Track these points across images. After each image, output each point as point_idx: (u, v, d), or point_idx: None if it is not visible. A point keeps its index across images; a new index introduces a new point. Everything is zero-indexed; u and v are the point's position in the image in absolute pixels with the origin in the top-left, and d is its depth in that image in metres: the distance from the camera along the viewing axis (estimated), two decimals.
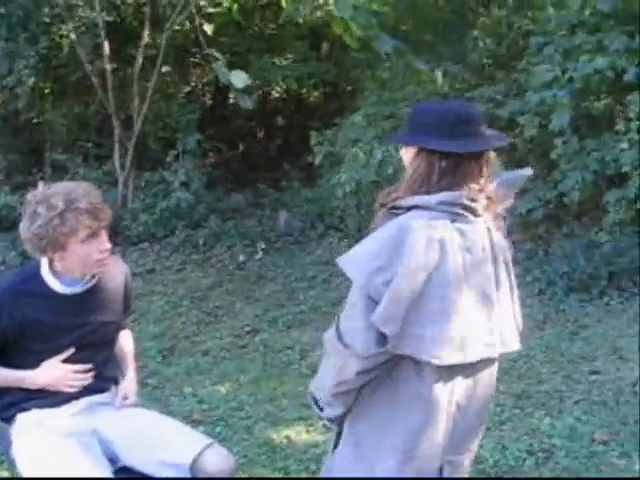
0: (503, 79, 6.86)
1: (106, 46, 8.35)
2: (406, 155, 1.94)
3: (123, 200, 8.47)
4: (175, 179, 8.35)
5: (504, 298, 1.93)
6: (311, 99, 11.39)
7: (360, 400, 1.92)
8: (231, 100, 11.75)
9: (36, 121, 9.69)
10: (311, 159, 8.16)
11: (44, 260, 2.36)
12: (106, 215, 2.30)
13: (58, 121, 9.57)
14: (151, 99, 8.52)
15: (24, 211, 2.28)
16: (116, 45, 8.97)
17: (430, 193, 1.84)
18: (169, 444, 2.33)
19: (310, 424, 3.92)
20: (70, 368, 2.37)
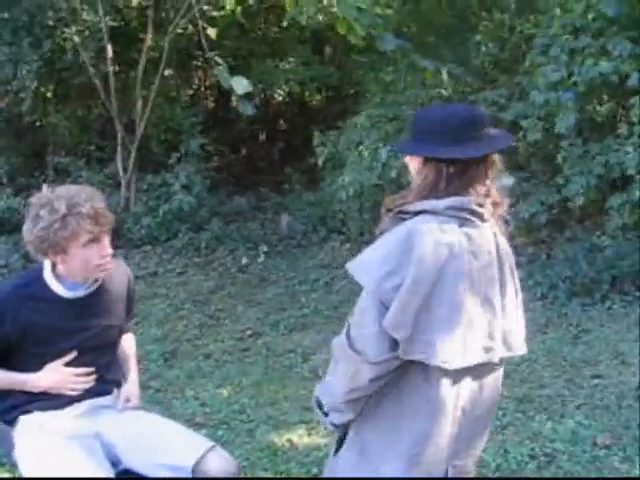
0: (506, 83, 6.86)
1: (109, 50, 8.37)
2: (412, 163, 1.94)
3: (126, 203, 8.49)
4: (177, 182, 8.36)
5: (509, 303, 1.93)
6: (314, 102, 11.41)
7: (366, 405, 1.91)
8: (234, 103, 11.78)
9: (39, 124, 9.71)
10: (314, 161, 8.17)
11: (47, 263, 2.36)
12: (108, 220, 2.31)
13: (61, 124, 9.58)
14: (154, 102, 8.54)
15: (27, 213, 2.28)
16: (119, 49, 9.00)
17: (438, 199, 1.84)
18: (171, 447, 2.33)
19: (312, 427, 3.91)
20: (72, 371, 2.38)
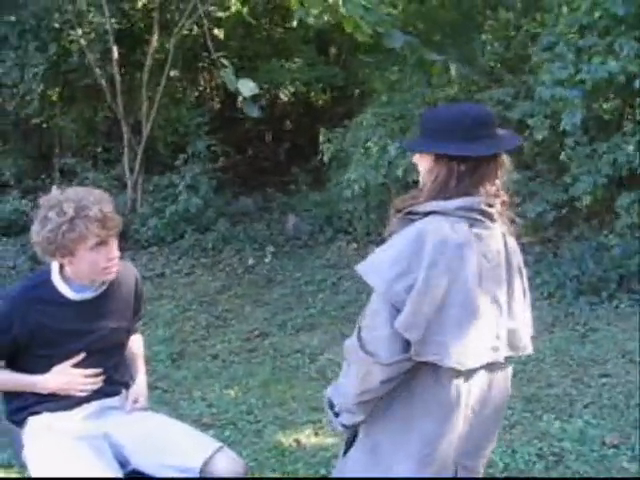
0: (511, 81, 6.85)
1: (115, 51, 8.39)
2: (422, 162, 1.93)
3: (132, 204, 8.51)
4: (184, 183, 8.37)
5: (517, 302, 1.93)
6: (319, 103, 11.40)
7: (377, 406, 1.91)
8: (239, 104, 11.78)
9: (46, 126, 9.74)
10: (320, 161, 8.16)
11: (55, 266, 2.37)
12: (116, 223, 2.31)
13: (67, 126, 9.62)
14: (160, 103, 8.56)
15: (36, 215, 2.29)
16: (125, 50, 9.03)
17: (448, 198, 1.84)
18: (179, 448, 2.34)
19: (319, 427, 3.92)
20: (80, 372, 2.38)
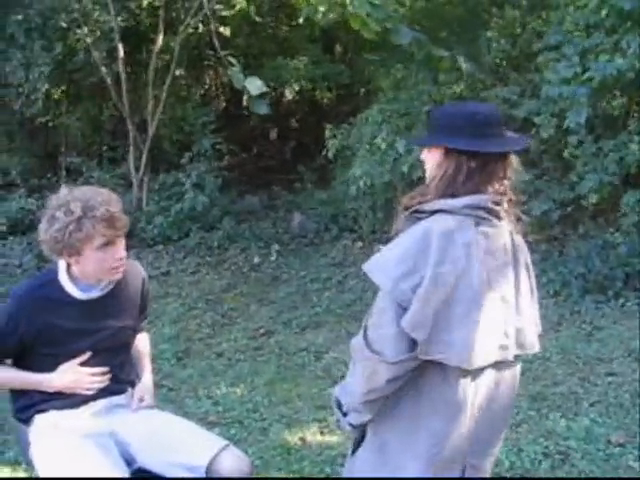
0: (517, 79, 6.83)
1: (121, 50, 8.40)
2: (431, 158, 1.93)
3: (138, 203, 8.52)
4: (189, 181, 8.38)
5: (524, 301, 1.93)
6: (325, 101, 11.40)
7: (384, 405, 1.91)
8: (245, 102, 11.78)
9: (52, 125, 9.76)
10: (325, 161, 8.16)
11: (62, 264, 2.37)
12: (123, 224, 2.31)
13: (73, 125, 9.65)
14: (165, 102, 8.56)
15: (44, 213, 2.29)
16: (130, 49, 9.03)
17: (455, 196, 1.83)
18: (185, 446, 2.34)
19: (325, 426, 3.92)
20: (87, 371, 2.39)
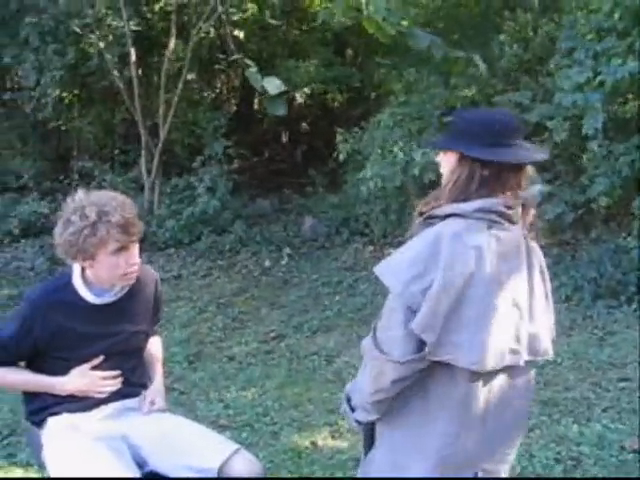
0: (529, 84, 6.81)
1: (133, 54, 8.43)
2: (446, 162, 1.94)
3: (149, 206, 8.55)
4: (202, 185, 8.40)
5: (538, 306, 1.92)
6: (336, 105, 11.41)
7: (394, 406, 1.92)
8: (256, 106, 11.81)
9: (64, 128, 9.81)
10: (336, 165, 8.16)
11: (76, 269, 2.38)
12: (137, 230, 2.32)
13: (85, 128, 9.69)
14: (177, 106, 8.59)
15: (60, 216, 2.31)
16: (142, 53, 9.06)
17: (468, 201, 1.84)
18: (197, 449, 2.35)
19: (336, 430, 3.92)
20: (99, 375, 2.40)
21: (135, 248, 2.35)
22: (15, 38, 8.50)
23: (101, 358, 2.40)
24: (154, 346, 2.71)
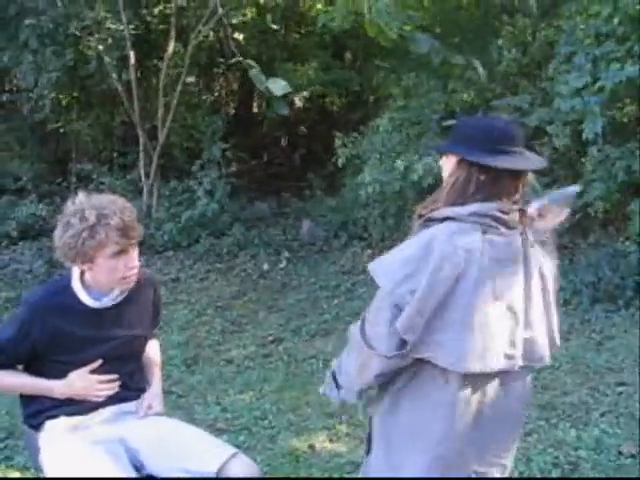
0: (528, 88, 6.82)
1: (132, 57, 8.44)
2: (446, 165, 1.96)
3: (148, 209, 8.54)
4: (201, 188, 8.41)
5: (535, 312, 1.92)
6: (334, 108, 11.42)
7: (388, 406, 1.96)
8: (255, 109, 11.83)
9: (62, 131, 9.81)
10: (334, 168, 8.16)
11: (75, 272, 2.38)
12: (137, 233, 2.32)
13: (84, 131, 9.69)
14: (176, 109, 8.59)
15: (60, 219, 2.30)
16: (142, 56, 9.07)
17: (464, 205, 1.86)
18: (194, 453, 2.34)
19: (334, 434, 3.92)
20: (97, 379, 2.40)
21: (134, 252, 2.35)
22: (14, 41, 8.50)
23: (99, 362, 2.39)
24: (152, 349, 2.71)
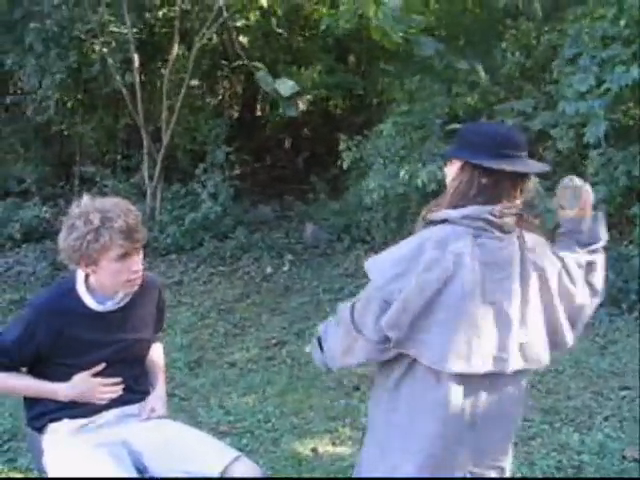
0: (532, 91, 6.82)
1: (136, 60, 8.46)
2: (450, 171, 1.99)
3: (151, 212, 8.55)
4: (203, 191, 8.41)
5: (532, 315, 1.93)
6: (338, 111, 11.43)
7: (381, 405, 1.99)
8: (258, 112, 11.84)
9: (66, 134, 9.83)
10: (338, 171, 8.17)
11: (80, 275, 2.39)
12: (141, 236, 2.32)
13: (88, 134, 9.71)
14: (179, 112, 8.61)
15: (65, 221, 2.31)
16: (145, 59, 9.09)
17: (461, 207, 1.89)
18: (197, 456, 2.35)
19: (337, 437, 3.92)
20: (100, 382, 2.40)
21: (138, 255, 2.35)
22: (19, 44, 8.52)
23: (103, 365, 2.40)
24: (156, 353, 2.71)
